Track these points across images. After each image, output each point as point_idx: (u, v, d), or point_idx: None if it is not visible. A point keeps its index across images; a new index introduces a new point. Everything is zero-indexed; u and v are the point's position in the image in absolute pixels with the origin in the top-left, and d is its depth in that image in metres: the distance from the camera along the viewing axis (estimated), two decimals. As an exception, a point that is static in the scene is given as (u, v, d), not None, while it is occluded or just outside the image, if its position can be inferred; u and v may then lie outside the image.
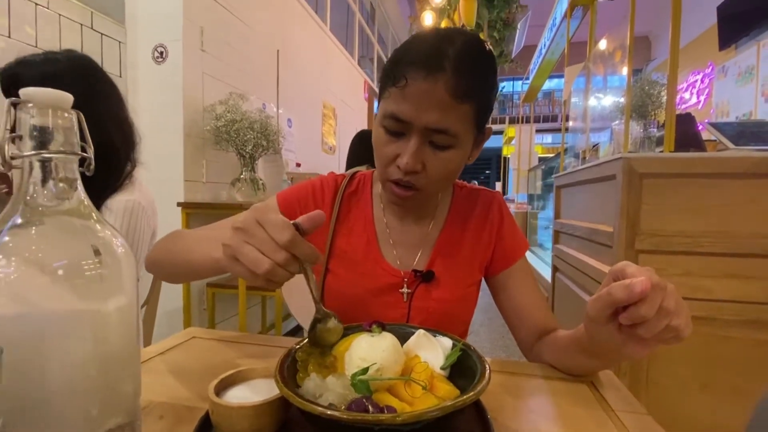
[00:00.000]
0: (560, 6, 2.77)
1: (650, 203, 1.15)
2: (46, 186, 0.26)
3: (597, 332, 0.39)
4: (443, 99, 0.48)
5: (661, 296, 0.34)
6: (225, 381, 0.37)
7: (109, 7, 1.78)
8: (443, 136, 0.50)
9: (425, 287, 0.61)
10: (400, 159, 0.51)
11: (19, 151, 0.24)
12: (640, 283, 0.33)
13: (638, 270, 0.35)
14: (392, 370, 0.35)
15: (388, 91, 0.51)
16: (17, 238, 0.24)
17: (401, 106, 0.49)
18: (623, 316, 0.35)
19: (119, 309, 0.30)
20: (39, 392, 0.27)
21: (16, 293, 0.25)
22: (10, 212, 0.25)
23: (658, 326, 0.34)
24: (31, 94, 0.24)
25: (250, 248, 0.36)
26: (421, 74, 0.47)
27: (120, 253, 0.30)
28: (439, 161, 0.52)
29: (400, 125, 0.51)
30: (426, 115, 0.48)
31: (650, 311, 0.33)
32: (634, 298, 0.33)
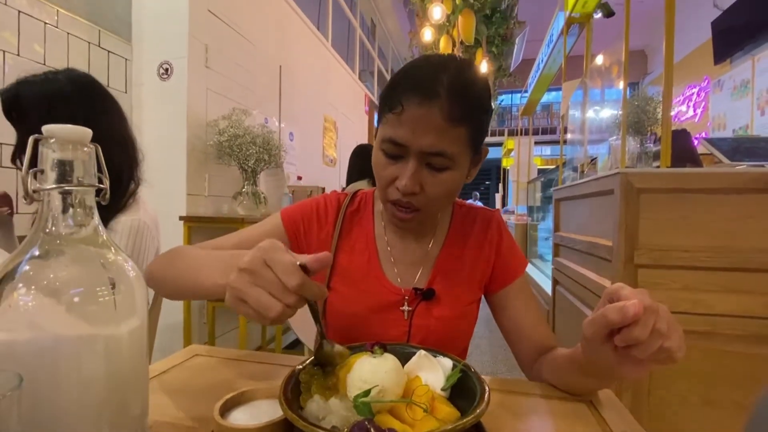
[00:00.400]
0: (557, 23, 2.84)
1: (648, 218, 1.16)
2: (65, 216, 0.27)
3: (593, 353, 0.40)
4: (438, 123, 0.49)
5: (654, 318, 0.35)
6: (229, 402, 0.38)
7: (117, 26, 1.82)
8: (440, 159, 0.52)
9: (426, 305, 0.61)
10: (399, 181, 0.53)
11: (40, 184, 0.26)
12: (633, 305, 0.34)
13: (632, 292, 0.36)
14: (394, 392, 0.35)
15: (386, 117, 0.53)
16: (37, 267, 0.26)
17: (398, 131, 0.51)
18: (618, 337, 0.36)
19: (131, 332, 0.31)
20: (51, 413, 0.27)
21: (33, 320, 0.26)
22: (30, 242, 0.26)
23: (651, 347, 0.35)
24: (53, 131, 0.26)
25: (259, 291, 0.35)
26: (416, 100, 0.49)
27: (132, 277, 0.31)
28: (437, 182, 0.54)
29: (398, 149, 0.53)
30: (422, 139, 0.50)
31: (643, 333, 0.34)
32: (627, 320, 0.34)
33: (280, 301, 0.35)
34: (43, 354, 0.26)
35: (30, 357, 0.25)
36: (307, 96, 3.25)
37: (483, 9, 3.28)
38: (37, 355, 0.26)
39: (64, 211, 0.27)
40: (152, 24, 1.88)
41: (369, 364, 0.37)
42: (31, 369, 0.25)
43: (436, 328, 0.60)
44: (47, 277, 0.26)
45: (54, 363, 0.26)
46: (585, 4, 2.09)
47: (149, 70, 1.88)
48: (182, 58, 1.85)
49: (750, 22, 3.49)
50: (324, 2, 3.98)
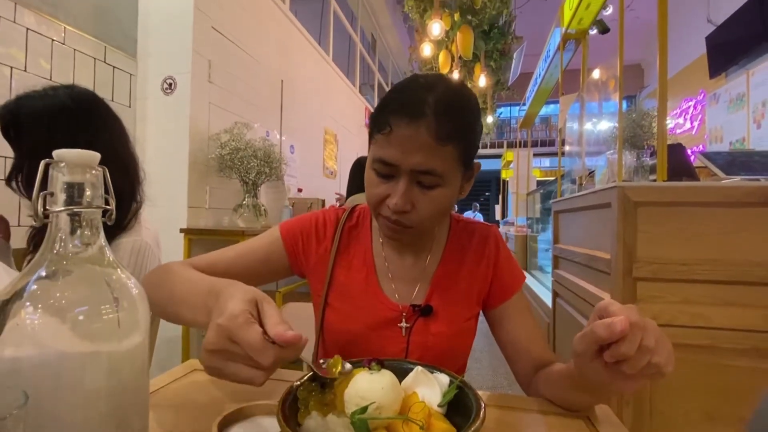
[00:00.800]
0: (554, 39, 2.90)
1: (646, 231, 1.17)
2: (73, 237, 0.28)
3: (585, 368, 0.41)
4: (426, 142, 0.50)
5: (641, 334, 0.35)
6: (228, 418, 0.38)
7: (122, 42, 1.87)
8: (430, 177, 0.53)
9: (424, 322, 0.61)
10: (390, 199, 0.54)
11: (49, 206, 0.27)
12: (620, 322, 0.35)
13: (620, 309, 0.37)
14: (391, 409, 0.36)
15: (375, 138, 0.55)
16: (44, 287, 0.26)
17: (387, 151, 0.52)
18: (606, 353, 0.37)
19: (133, 348, 0.32)
20: (53, 428, 0.28)
21: (39, 338, 0.26)
22: (38, 263, 0.27)
23: (639, 363, 0.36)
24: (62, 155, 0.27)
25: (237, 366, 0.35)
26: (404, 121, 0.51)
27: (135, 294, 0.32)
28: (428, 200, 0.54)
29: (389, 168, 0.54)
30: (411, 158, 0.51)
31: (630, 349, 0.35)
32: (614, 336, 0.35)
33: (262, 369, 0.35)
34: (47, 370, 0.26)
35: (35, 373, 0.26)
36: (308, 109, 3.30)
37: (481, 25, 3.35)
38: (41, 371, 0.26)
39: (72, 232, 0.28)
40: (157, 40, 1.92)
41: (366, 380, 0.38)
42: (35, 384, 0.26)
43: (434, 345, 0.60)
44: (53, 296, 0.27)
45: (58, 378, 0.27)
46: (581, 20, 2.14)
47: (153, 85, 1.92)
48: (186, 73, 1.88)
49: (743, 38, 3.56)
50: (325, 18, 4.07)
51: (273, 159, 1.94)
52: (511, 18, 3.85)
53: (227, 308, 0.35)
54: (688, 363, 1.10)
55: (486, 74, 3.78)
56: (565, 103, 2.24)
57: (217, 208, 2.10)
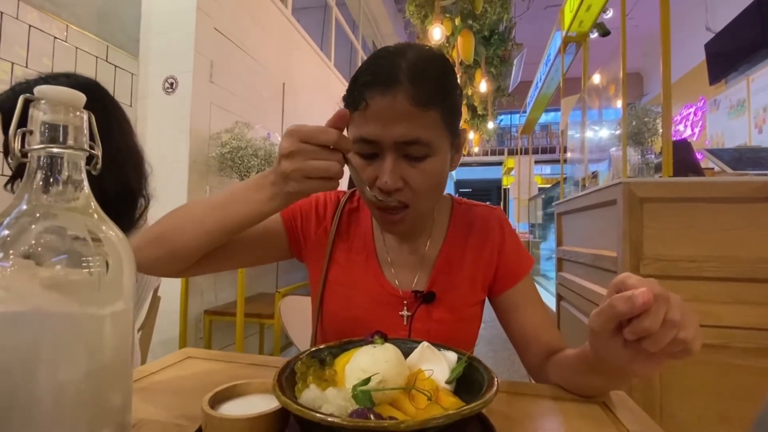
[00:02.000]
0: (554, 42, 2.91)
1: (652, 227, 1.15)
2: (53, 181, 0.26)
3: (602, 348, 0.37)
4: (406, 110, 0.47)
5: (665, 307, 0.32)
6: (220, 395, 0.36)
7: (125, 41, 1.87)
8: (416, 147, 0.49)
9: (426, 309, 0.58)
10: (379, 180, 0.49)
11: (29, 145, 0.25)
12: (642, 294, 0.31)
13: (640, 281, 0.33)
14: (395, 383, 0.33)
15: (354, 117, 0.50)
16: (17, 231, 0.24)
17: (367, 128, 0.48)
18: (627, 330, 0.33)
19: (115, 314, 0.30)
20: (24, 395, 0.25)
21: (11, 287, 0.24)
22: (13, 205, 0.25)
23: (664, 339, 0.32)
24: (44, 91, 0.25)
25: (315, 162, 0.40)
26: (378, 91, 0.47)
27: (123, 254, 0.30)
28: (419, 173, 0.50)
29: (371, 147, 0.49)
30: (393, 130, 0.47)
31: (654, 324, 0.31)
32: (636, 310, 0.32)
33: (334, 160, 0.41)
34: (17, 325, 0.24)
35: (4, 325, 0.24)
36: (309, 113, 3.30)
37: (482, 30, 3.38)
38: (11, 325, 0.24)
39: (51, 175, 0.26)
40: (159, 40, 1.93)
41: (368, 353, 0.35)
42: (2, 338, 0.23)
43: (437, 332, 0.57)
44: (28, 242, 0.24)
45: (28, 334, 0.24)
46: (581, 23, 2.15)
47: (155, 84, 1.92)
48: (187, 72, 1.88)
49: (743, 44, 3.58)
50: (327, 24, 4.11)
51: (274, 158, 1.92)
52: (512, 24, 3.88)
53: (289, 129, 0.42)
54: (700, 363, 1.07)
55: (486, 80, 3.80)
56: (567, 105, 2.23)
57: (217, 208, 2.08)
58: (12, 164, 0.24)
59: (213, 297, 2.06)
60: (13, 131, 0.24)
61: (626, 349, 0.35)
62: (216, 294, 2.08)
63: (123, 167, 0.76)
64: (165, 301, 1.32)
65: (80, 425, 0.28)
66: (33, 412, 0.26)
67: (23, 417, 0.25)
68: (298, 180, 0.41)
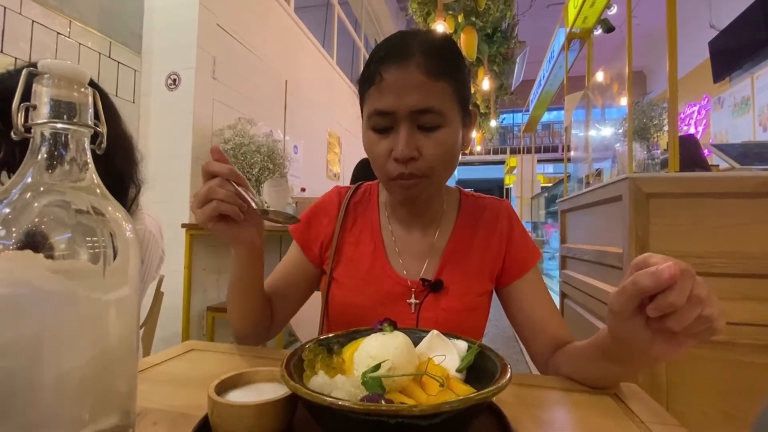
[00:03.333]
0: (558, 39, 2.90)
1: (659, 223, 1.14)
2: (57, 158, 0.25)
3: (622, 330, 0.36)
4: (419, 80, 0.49)
5: (691, 283, 0.31)
6: (226, 383, 0.35)
7: (128, 38, 1.87)
8: (430, 116, 0.50)
9: (434, 297, 0.59)
10: (395, 151, 0.51)
11: (32, 120, 0.24)
12: (668, 268, 0.30)
13: (663, 258, 0.32)
14: (405, 370, 0.32)
15: (368, 94, 0.53)
16: (20, 207, 0.24)
17: (382, 100, 0.51)
18: (651, 306, 0.32)
19: (120, 299, 0.29)
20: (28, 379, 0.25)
21: (14, 268, 0.23)
22: (15, 182, 0.24)
23: (689, 316, 0.31)
24: (49, 66, 0.24)
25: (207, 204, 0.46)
26: (393, 65, 0.50)
27: (128, 238, 0.29)
28: (433, 143, 0.52)
29: (387, 119, 0.51)
30: (407, 99, 0.50)
31: (680, 299, 0.30)
32: (661, 284, 0.30)
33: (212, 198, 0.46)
34: (20, 306, 0.23)
35: (5, 306, 0.23)
36: (312, 111, 3.30)
37: (484, 28, 3.36)
38: (13, 306, 0.23)
39: (55, 152, 0.25)
40: (162, 36, 1.92)
41: (377, 340, 0.34)
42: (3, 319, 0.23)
43: (445, 321, 0.57)
44: (31, 220, 0.24)
45: (32, 317, 0.24)
46: (585, 19, 2.14)
47: (157, 81, 1.91)
48: (190, 68, 1.88)
49: (747, 42, 3.56)
50: (329, 22, 4.11)
51: (276, 155, 1.92)
52: (514, 22, 3.87)
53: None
54: (706, 360, 1.06)
55: (489, 78, 3.79)
56: (571, 101, 2.22)
57: (220, 205, 2.08)
58: (16, 138, 0.24)
59: (216, 294, 2.06)
60: (16, 105, 0.23)
61: (647, 329, 0.34)
62: (219, 291, 2.08)
63: (111, 153, 0.75)
64: (167, 298, 1.31)
65: (84, 411, 0.28)
66: (37, 397, 0.25)
67: (27, 401, 0.25)
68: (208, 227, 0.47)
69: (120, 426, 0.31)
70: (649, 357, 0.36)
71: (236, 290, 0.55)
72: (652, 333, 0.34)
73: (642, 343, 0.35)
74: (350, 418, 0.25)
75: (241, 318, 0.57)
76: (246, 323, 0.57)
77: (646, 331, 0.34)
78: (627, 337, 0.36)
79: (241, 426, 0.30)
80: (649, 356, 0.36)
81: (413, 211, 0.63)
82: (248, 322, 0.57)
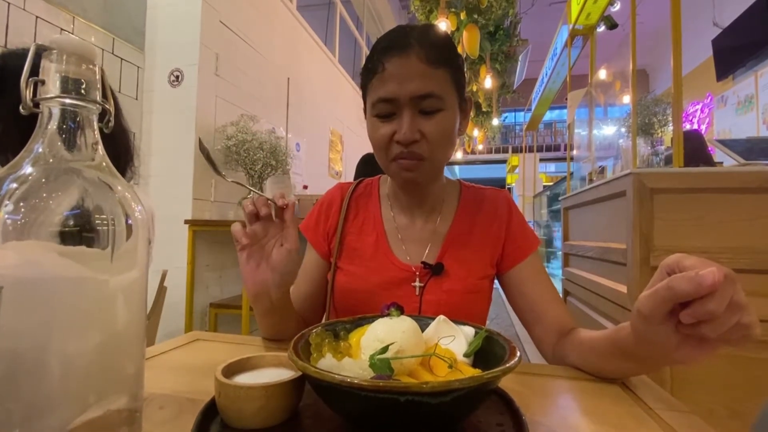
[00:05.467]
0: (560, 36, 2.89)
1: (663, 219, 1.13)
2: (65, 134, 0.25)
3: (649, 333, 0.34)
4: (419, 67, 0.53)
5: (732, 289, 0.29)
6: (233, 366, 0.35)
7: (131, 35, 1.87)
8: (430, 101, 0.53)
9: (436, 280, 0.60)
10: (398, 134, 0.54)
11: (40, 94, 0.24)
12: (711, 273, 0.28)
13: (699, 261, 0.30)
14: (413, 353, 0.32)
15: (371, 84, 0.56)
16: (26, 184, 0.23)
17: (385, 87, 0.54)
18: (686, 313, 0.30)
19: (128, 281, 0.29)
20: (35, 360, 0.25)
21: (23, 247, 0.23)
22: (23, 156, 0.24)
23: (727, 324, 0.29)
24: (58, 41, 0.24)
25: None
26: (394, 55, 0.53)
27: (138, 218, 0.29)
28: (434, 125, 0.54)
29: (389, 105, 0.54)
30: (409, 85, 0.53)
31: (720, 306, 0.28)
32: (702, 291, 0.29)
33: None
34: (29, 286, 0.23)
35: (14, 282, 0.23)
36: (314, 108, 3.30)
37: (487, 26, 3.36)
38: (21, 288, 0.23)
39: (62, 129, 0.25)
40: (165, 32, 1.93)
41: (385, 324, 0.34)
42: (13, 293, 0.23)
43: (447, 302, 0.59)
44: (39, 195, 0.23)
45: (41, 299, 0.24)
46: (589, 15, 2.13)
47: (160, 77, 1.92)
48: (193, 65, 1.88)
49: (751, 40, 3.54)
50: (331, 20, 4.10)
51: (279, 152, 1.92)
52: (517, 20, 3.86)
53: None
54: (711, 356, 1.05)
55: (491, 76, 3.78)
56: (574, 98, 2.21)
57: (223, 201, 2.08)
58: (24, 113, 0.23)
59: (218, 291, 2.06)
60: (25, 80, 0.23)
61: (676, 334, 0.32)
62: (221, 288, 2.08)
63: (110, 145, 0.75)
64: (170, 294, 1.32)
65: (92, 393, 0.28)
66: (45, 379, 0.25)
67: (36, 383, 0.25)
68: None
69: (128, 409, 0.31)
70: (671, 360, 0.35)
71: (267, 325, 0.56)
72: (680, 338, 0.32)
73: (667, 346, 0.33)
74: (360, 396, 0.25)
75: (275, 335, 0.58)
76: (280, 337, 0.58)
77: (674, 335, 0.33)
78: (654, 339, 0.34)
79: (249, 408, 0.30)
80: (670, 359, 0.35)
81: (415, 198, 0.65)
82: (282, 336, 0.58)
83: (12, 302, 0.24)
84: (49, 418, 0.25)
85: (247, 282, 0.50)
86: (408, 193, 0.64)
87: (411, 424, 0.27)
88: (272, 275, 0.49)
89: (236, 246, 0.49)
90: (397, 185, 0.65)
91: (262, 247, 0.49)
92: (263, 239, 0.49)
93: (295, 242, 0.49)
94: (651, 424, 0.34)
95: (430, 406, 0.25)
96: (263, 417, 0.30)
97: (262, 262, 0.49)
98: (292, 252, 0.49)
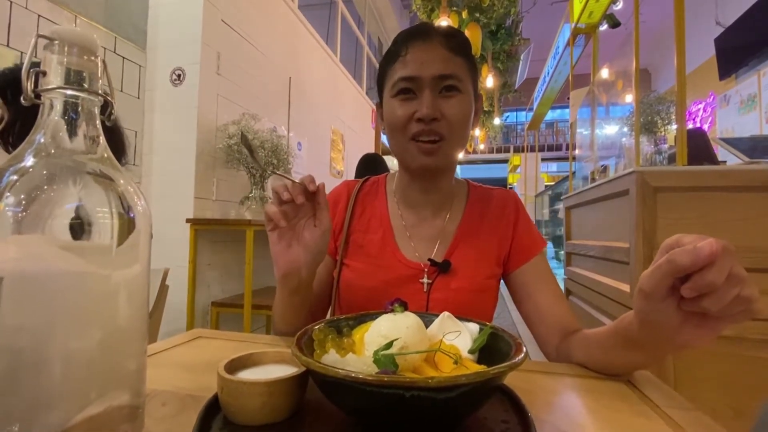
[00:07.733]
0: (563, 35, 2.88)
1: (666, 217, 1.13)
2: (67, 125, 0.25)
3: (651, 312, 0.34)
4: (441, 53, 0.57)
5: (731, 261, 0.29)
6: (235, 363, 0.35)
7: (132, 33, 1.87)
8: (450, 81, 0.56)
9: (443, 278, 0.60)
10: (419, 112, 0.56)
11: (42, 85, 0.24)
12: (708, 245, 0.28)
13: (698, 237, 0.30)
14: (417, 349, 0.32)
15: (393, 68, 0.59)
16: (28, 176, 0.23)
17: (408, 68, 0.57)
18: (687, 286, 0.30)
19: (130, 276, 0.28)
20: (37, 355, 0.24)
21: (24, 241, 0.23)
22: (24, 148, 0.24)
23: (727, 296, 0.29)
24: (59, 32, 0.24)
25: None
26: (418, 41, 0.58)
27: (140, 212, 0.28)
28: (453, 106, 0.57)
29: (411, 83, 0.57)
30: (431, 67, 0.56)
31: (720, 277, 0.28)
32: (700, 262, 0.29)
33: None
34: (31, 281, 0.23)
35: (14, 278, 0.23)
36: (315, 108, 3.29)
37: (489, 25, 3.35)
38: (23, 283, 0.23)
39: (68, 119, 0.24)
40: (166, 31, 1.93)
41: (389, 320, 0.34)
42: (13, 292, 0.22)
43: (454, 300, 0.58)
44: (40, 187, 0.23)
45: (43, 294, 0.23)
46: (591, 14, 2.12)
47: (162, 76, 1.92)
48: (195, 64, 1.88)
49: (754, 39, 3.52)
50: (333, 19, 4.10)
51: (281, 151, 1.92)
52: (519, 19, 3.85)
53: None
54: (714, 355, 1.05)
55: (493, 75, 3.77)
56: (576, 97, 2.21)
57: (224, 200, 2.08)
58: (26, 104, 0.23)
59: (219, 290, 2.06)
60: (26, 70, 0.23)
61: (678, 312, 0.32)
62: (222, 286, 2.08)
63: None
64: (172, 293, 1.31)
65: (94, 389, 0.27)
66: (47, 374, 0.25)
67: (37, 378, 0.24)
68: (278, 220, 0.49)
69: (130, 406, 0.30)
70: (676, 343, 0.35)
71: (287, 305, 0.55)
72: (683, 316, 0.32)
73: (671, 327, 0.33)
74: (364, 391, 0.24)
75: (289, 326, 0.58)
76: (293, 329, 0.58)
77: (677, 314, 0.32)
78: (656, 319, 0.34)
79: (252, 404, 0.30)
80: (675, 342, 0.34)
81: (425, 191, 0.65)
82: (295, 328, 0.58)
83: (12, 296, 0.23)
84: (50, 414, 0.25)
85: (278, 261, 0.51)
86: (421, 180, 0.63)
87: (416, 420, 0.26)
88: (305, 255, 0.50)
89: (267, 226, 0.50)
90: (411, 172, 0.63)
91: (292, 227, 0.50)
92: (293, 220, 0.50)
93: (329, 222, 0.50)
94: (657, 422, 0.34)
95: (435, 402, 0.24)
96: (266, 413, 0.30)
97: (293, 242, 0.50)
98: (326, 233, 0.50)
